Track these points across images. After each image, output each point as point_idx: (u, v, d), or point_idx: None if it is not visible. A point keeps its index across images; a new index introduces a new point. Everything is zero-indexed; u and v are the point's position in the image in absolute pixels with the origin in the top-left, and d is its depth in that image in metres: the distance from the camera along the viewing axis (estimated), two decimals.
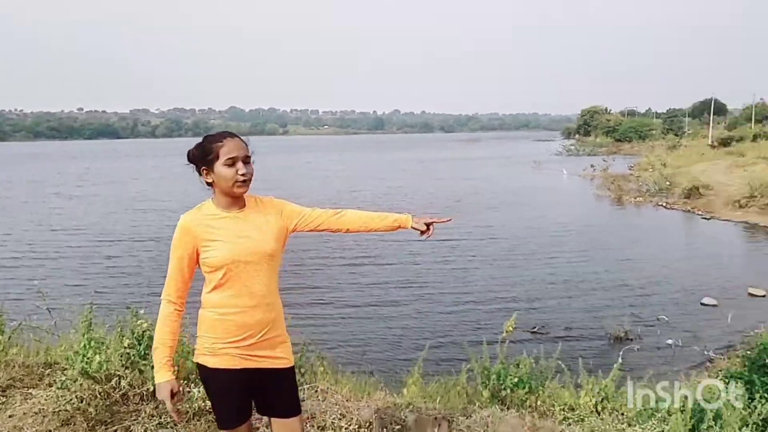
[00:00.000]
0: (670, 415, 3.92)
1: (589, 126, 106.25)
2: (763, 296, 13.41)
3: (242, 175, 2.20)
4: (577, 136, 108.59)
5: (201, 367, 2.31)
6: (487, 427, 3.29)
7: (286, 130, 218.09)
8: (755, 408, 4.32)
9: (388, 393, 3.99)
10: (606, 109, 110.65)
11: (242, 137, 2.31)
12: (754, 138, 48.06)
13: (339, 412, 3.46)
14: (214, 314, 2.26)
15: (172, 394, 2.23)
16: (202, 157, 2.25)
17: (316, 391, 3.84)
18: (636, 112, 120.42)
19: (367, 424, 3.26)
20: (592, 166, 41.94)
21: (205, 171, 2.26)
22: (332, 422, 3.35)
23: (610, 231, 22.07)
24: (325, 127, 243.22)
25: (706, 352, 10.14)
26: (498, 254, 18.01)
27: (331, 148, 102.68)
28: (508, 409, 3.81)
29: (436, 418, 3.24)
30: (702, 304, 12.90)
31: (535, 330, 11.24)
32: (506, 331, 4.28)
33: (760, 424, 4.48)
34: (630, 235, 21.08)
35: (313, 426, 3.34)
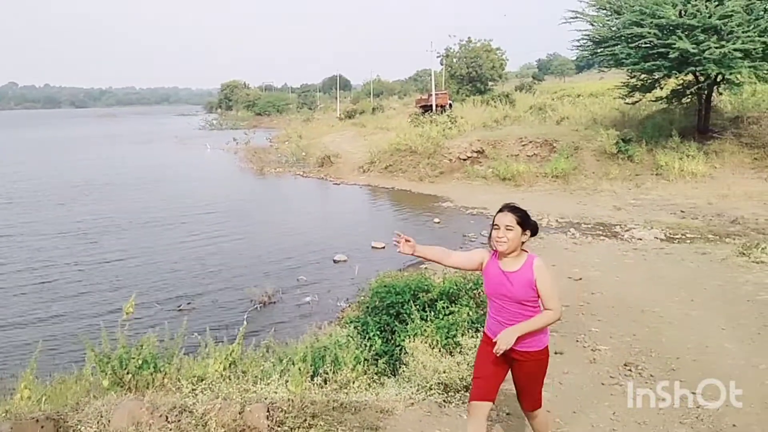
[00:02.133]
0: (294, 365, 4.19)
1: (230, 100, 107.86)
2: (383, 248, 15.38)
3: None
4: (219, 110, 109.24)
5: None
6: (101, 417, 3.03)
7: None
8: (366, 345, 4.92)
9: None
10: (245, 84, 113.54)
11: None
12: (373, 110, 54.50)
13: None
14: None
15: None
16: None
17: None
18: (273, 87, 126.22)
19: None
20: (234, 139, 42.76)
21: None
22: None
23: (253, 202, 22.85)
24: None
25: (338, 304, 11.24)
26: (142, 233, 17.13)
27: None
28: (130, 393, 3.58)
29: (38, 420, 2.85)
30: (334, 261, 14.23)
31: (180, 308, 11.01)
32: (126, 313, 4.02)
33: (370, 359, 5.13)
34: (271, 205, 22.16)
35: None
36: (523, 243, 3.53)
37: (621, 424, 4.53)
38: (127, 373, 3.70)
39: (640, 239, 13.81)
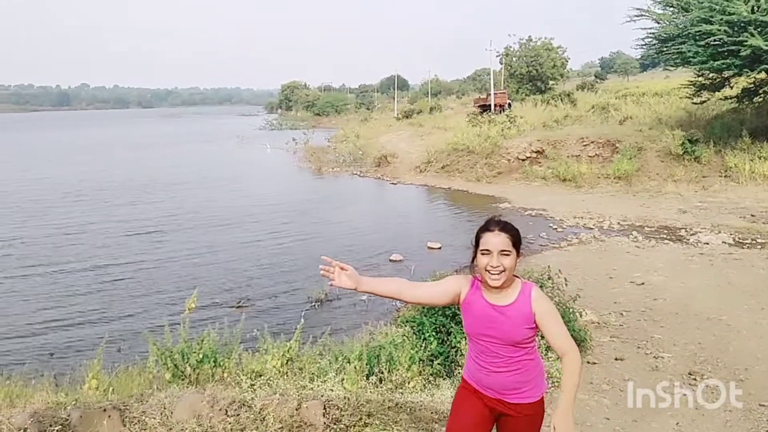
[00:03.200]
0: (350, 363, 4.24)
1: (290, 101, 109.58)
2: (439, 248, 15.35)
3: None
4: (279, 110, 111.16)
5: None
6: (164, 408, 3.15)
7: None
8: (421, 346, 4.92)
9: (52, 393, 3.56)
10: (305, 85, 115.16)
11: None
12: (431, 110, 54.37)
13: None
14: None
15: None
16: None
17: None
18: (332, 88, 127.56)
19: (21, 430, 2.86)
20: (294, 139, 43.43)
21: None
22: None
23: (311, 201, 23.17)
24: None
25: (394, 303, 11.26)
26: (204, 232, 17.66)
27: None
28: (192, 386, 3.70)
29: (105, 410, 2.98)
30: (390, 260, 14.28)
31: (240, 305, 11.26)
32: (188, 309, 4.15)
33: (426, 359, 5.13)
34: (329, 204, 22.40)
35: None
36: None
37: None
38: (189, 367, 3.82)
39: (707, 244, 13.31)
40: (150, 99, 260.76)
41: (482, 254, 2.63)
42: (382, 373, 4.35)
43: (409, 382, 4.50)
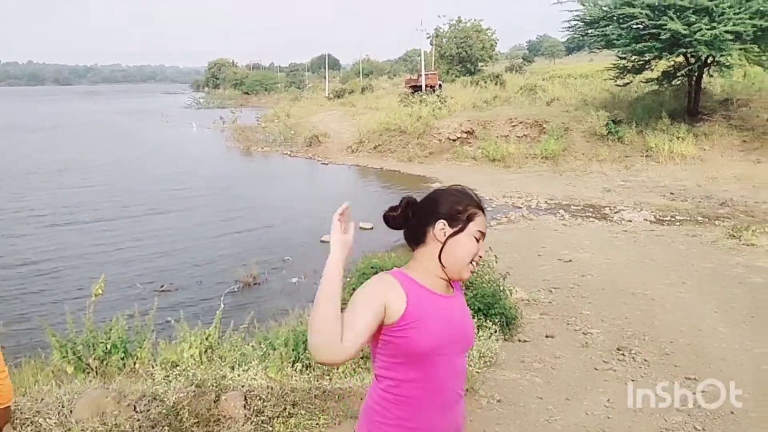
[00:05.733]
0: (275, 350, 3.99)
1: (217, 79, 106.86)
2: (371, 228, 15.17)
3: None
4: (206, 89, 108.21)
5: None
6: (63, 407, 2.81)
7: None
8: None
9: None
10: (233, 62, 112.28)
11: None
12: (363, 90, 53.94)
13: None
14: None
15: None
16: None
17: None
18: (261, 66, 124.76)
19: None
20: (221, 118, 42.22)
21: None
22: None
23: (239, 182, 22.53)
24: None
25: None
26: (116, 211, 16.83)
27: None
28: (98, 380, 3.37)
29: None
30: (322, 240, 13.99)
31: (163, 288, 10.76)
32: (95, 295, 3.77)
33: None
34: (257, 184, 21.86)
35: None
36: None
37: (616, 411, 4.38)
38: (94, 359, 3.48)
39: (630, 221, 13.71)
40: (68, 76, 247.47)
41: (475, 240, 1.90)
42: (309, 359, 4.14)
43: (338, 367, 4.31)
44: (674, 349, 5.76)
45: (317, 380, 3.89)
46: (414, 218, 1.95)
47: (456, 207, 1.92)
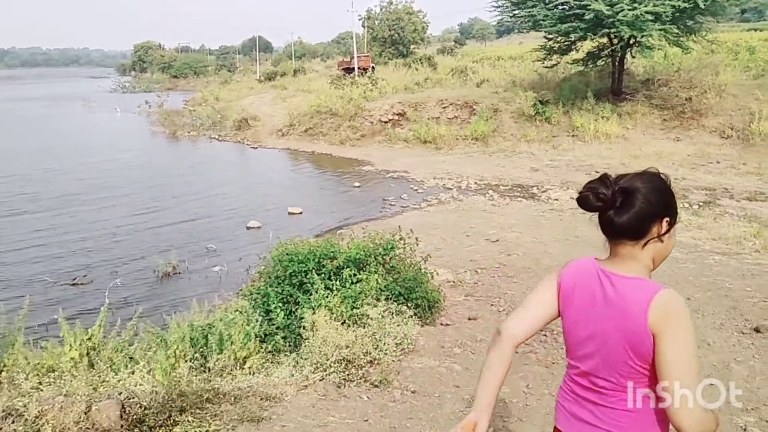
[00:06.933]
0: (168, 348, 3.66)
1: (144, 62, 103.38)
2: (300, 213, 14.82)
3: None
4: (133, 72, 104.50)
5: None
6: None
7: None
8: (257, 320, 4.41)
9: None
10: (160, 45, 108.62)
11: None
12: (295, 73, 53.01)
13: None
14: None
15: None
16: None
17: None
18: (190, 49, 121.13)
19: None
20: (147, 102, 40.69)
21: None
22: None
23: (163, 167, 21.65)
24: None
25: (250, 273, 10.63)
26: (26, 204, 15.84)
27: None
28: None
29: None
30: (248, 227, 13.56)
31: (75, 282, 10.13)
32: None
33: (263, 335, 4.63)
34: (182, 170, 21.03)
35: None
36: None
37: (534, 398, 4.25)
38: None
39: (557, 200, 13.86)
40: None
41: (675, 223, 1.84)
42: (205, 357, 3.82)
43: (244, 363, 4.01)
44: None
45: (214, 380, 3.58)
46: (629, 206, 1.79)
47: (674, 207, 1.85)
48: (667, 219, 1.79)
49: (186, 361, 3.63)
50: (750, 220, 11.27)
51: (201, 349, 3.81)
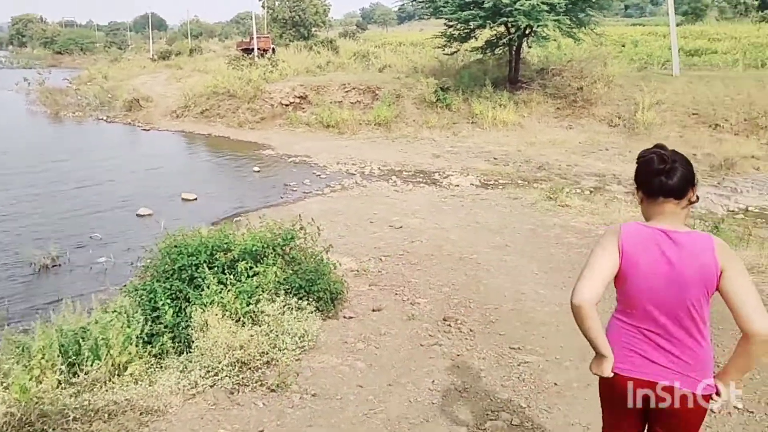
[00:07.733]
0: (30, 359, 3.18)
1: (23, 36, 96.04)
2: (195, 199, 14.09)
3: None
4: (10, 47, 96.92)
5: None
6: None
7: None
8: (139, 322, 3.98)
9: None
10: (41, 18, 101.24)
11: None
12: (191, 52, 50.75)
13: None
14: None
15: None
16: None
17: None
18: (76, 24, 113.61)
19: None
20: (26, 79, 37.56)
21: None
22: None
23: (43, 150, 19.97)
24: None
25: (139, 265, 9.92)
26: None
27: None
28: None
29: None
30: (137, 215, 12.71)
31: None
32: None
33: (156, 335, 4.21)
34: (65, 154, 19.49)
35: None
36: None
37: (440, 394, 4.10)
38: None
39: (458, 186, 13.97)
40: None
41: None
42: (77, 365, 3.37)
43: (125, 370, 3.59)
44: (499, 316, 5.68)
45: (85, 394, 3.15)
46: (676, 170, 2.22)
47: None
48: (694, 188, 2.24)
49: (54, 372, 3.18)
50: (636, 205, 11.81)
51: (72, 358, 3.35)
